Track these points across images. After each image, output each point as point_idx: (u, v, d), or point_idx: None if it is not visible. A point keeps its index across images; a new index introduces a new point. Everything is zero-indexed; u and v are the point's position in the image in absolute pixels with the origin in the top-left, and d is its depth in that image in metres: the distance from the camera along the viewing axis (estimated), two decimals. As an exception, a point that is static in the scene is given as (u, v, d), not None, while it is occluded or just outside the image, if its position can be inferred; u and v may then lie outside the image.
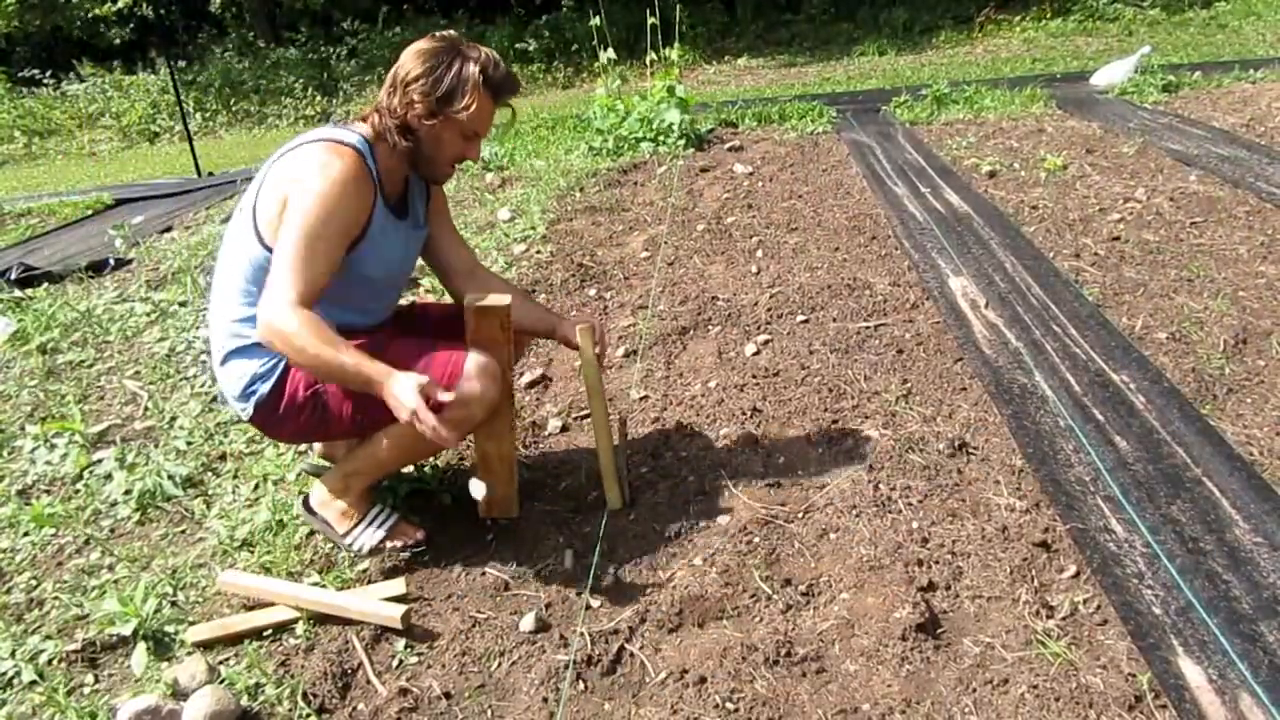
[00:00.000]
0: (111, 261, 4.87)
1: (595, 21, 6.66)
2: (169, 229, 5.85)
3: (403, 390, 1.63)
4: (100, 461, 2.62)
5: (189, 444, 2.69)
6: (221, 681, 1.68)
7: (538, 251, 4.21)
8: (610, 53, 6.70)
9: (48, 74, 14.75)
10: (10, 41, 16.07)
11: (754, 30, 14.10)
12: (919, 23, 13.25)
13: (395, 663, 1.72)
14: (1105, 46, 10.58)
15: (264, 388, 1.87)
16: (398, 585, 1.90)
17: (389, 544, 2.03)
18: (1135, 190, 4.19)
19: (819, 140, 6.20)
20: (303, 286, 1.70)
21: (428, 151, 1.86)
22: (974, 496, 2.04)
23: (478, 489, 1.83)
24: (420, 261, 2.14)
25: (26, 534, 2.30)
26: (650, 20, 6.78)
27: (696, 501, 2.14)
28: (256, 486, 2.41)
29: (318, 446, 2.39)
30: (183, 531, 2.27)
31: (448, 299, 2.27)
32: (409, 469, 2.35)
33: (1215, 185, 4.13)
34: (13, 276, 4.54)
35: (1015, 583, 1.74)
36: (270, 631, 1.82)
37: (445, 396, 1.69)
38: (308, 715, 1.60)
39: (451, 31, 1.90)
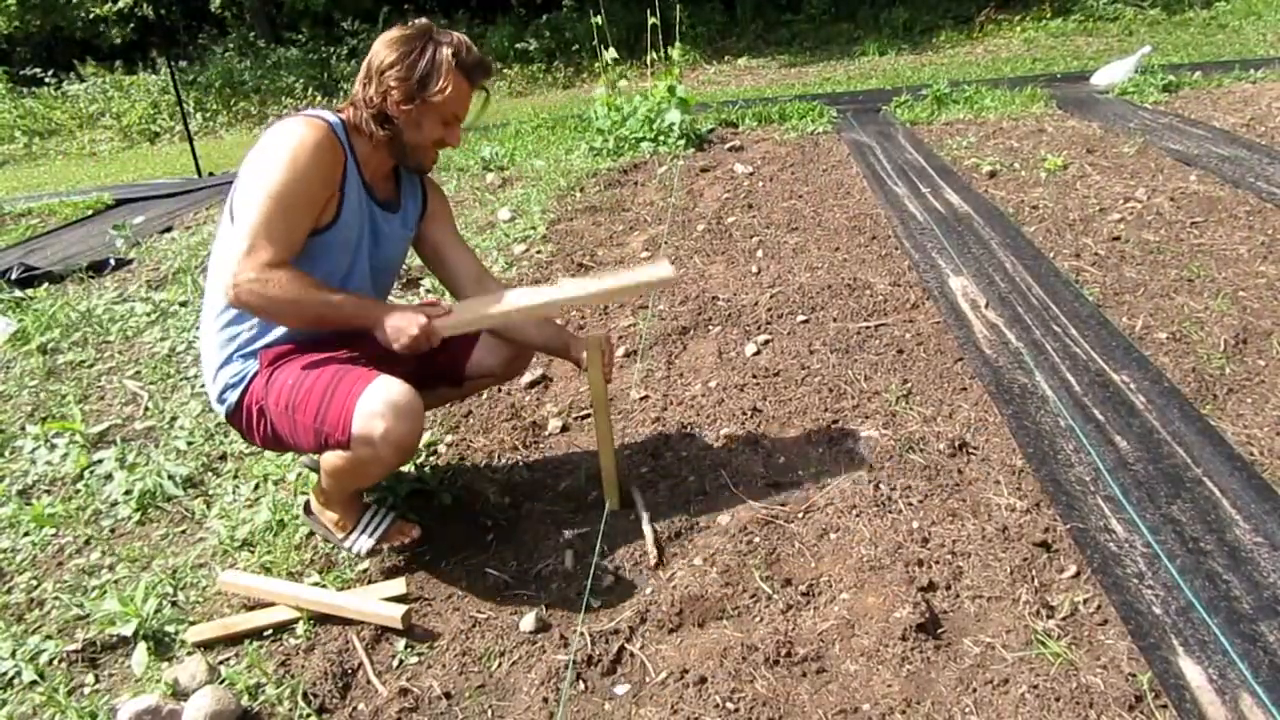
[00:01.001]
0: (112, 261, 4.87)
1: (596, 21, 6.66)
2: (169, 229, 5.86)
3: (407, 321, 1.73)
4: (100, 461, 2.62)
5: (189, 444, 2.69)
6: (222, 681, 1.68)
7: (538, 251, 4.21)
8: (612, 52, 6.70)
9: (48, 74, 14.75)
10: (11, 41, 16.08)
11: (754, 30, 14.10)
12: (919, 23, 13.25)
13: (395, 663, 1.73)
14: (1105, 46, 10.58)
15: (232, 396, 1.87)
16: (398, 585, 1.90)
17: (384, 546, 2.04)
18: (1135, 190, 4.19)
19: (819, 140, 6.20)
20: (272, 248, 1.66)
21: (408, 138, 1.85)
22: (974, 496, 2.04)
23: None
24: (421, 263, 2.14)
25: (27, 534, 2.30)
26: (650, 20, 6.78)
27: (696, 501, 2.14)
28: (257, 486, 2.42)
29: None
30: (183, 531, 2.27)
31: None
32: (409, 469, 2.36)
33: (1215, 185, 4.13)
34: (13, 276, 4.54)
35: (1015, 583, 1.74)
36: (271, 631, 1.82)
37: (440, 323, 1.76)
38: (308, 715, 1.60)
39: (423, 19, 1.90)
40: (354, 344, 1.92)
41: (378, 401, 1.69)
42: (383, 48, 1.80)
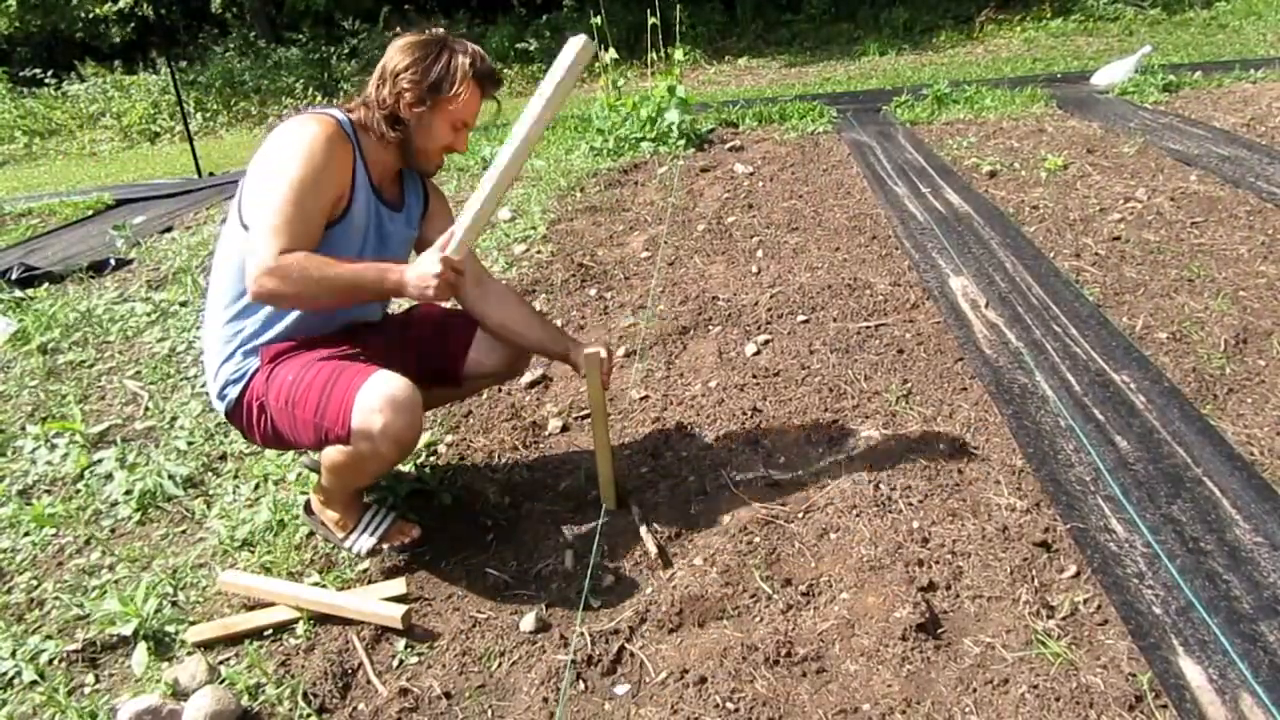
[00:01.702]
0: (112, 261, 4.87)
1: (596, 21, 6.66)
2: (170, 229, 5.86)
3: (426, 264, 1.69)
4: (101, 461, 2.62)
5: (189, 444, 2.69)
6: (222, 681, 1.68)
7: (538, 251, 4.21)
8: (612, 53, 6.70)
9: (49, 74, 14.75)
10: (11, 42, 16.09)
11: (754, 30, 14.10)
12: (919, 23, 13.25)
13: (395, 663, 1.73)
14: (1106, 46, 10.58)
15: (233, 392, 1.87)
16: (398, 585, 1.90)
17: (384, 546, 2.04)
18: (1136, 190, 4.19)
19: (819, 140, 6.20)
20: (289, 240, 1.66)
21: (417, 142, 1.87)
22: (974, 496, 2.04)
23: None
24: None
25: (27, 534, 2.30)
26: (650, 20, 6.78)
27: (696, 501, 2.14)
28: (257, 486, 2.42)
29: None
30: (183, 531, 2.27)
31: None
32: (409, 468, 2.36)
33: (1216, 185, 4.13)
34: (14, 276, 4.54)
35: (1015, 583, 1.74)
36: (271, 631, 1.82)
37: (452, 253, 1.71)
38: (308, 715, 1.60)
39: (439, 29, 1.91)
40: (356, 340, 1.93)
41: (376, 396, 1.69)
42: (398, 52, 1.82)
